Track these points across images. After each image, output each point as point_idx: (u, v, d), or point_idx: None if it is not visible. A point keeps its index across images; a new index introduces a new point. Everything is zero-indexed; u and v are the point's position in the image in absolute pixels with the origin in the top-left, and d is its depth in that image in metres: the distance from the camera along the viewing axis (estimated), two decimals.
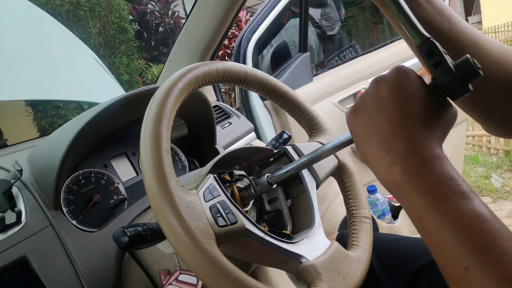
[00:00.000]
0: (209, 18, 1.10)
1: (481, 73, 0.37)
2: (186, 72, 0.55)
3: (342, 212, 1.43)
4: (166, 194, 0.45)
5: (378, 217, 1.49)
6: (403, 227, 1.49)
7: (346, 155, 0.73)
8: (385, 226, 1.46)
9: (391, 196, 1.57)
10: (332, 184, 1.56)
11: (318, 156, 0.58)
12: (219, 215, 0.49)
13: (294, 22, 2.51)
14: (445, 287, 0.64)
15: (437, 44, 0.40)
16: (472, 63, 0.37)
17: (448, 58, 0.40)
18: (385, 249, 0.76)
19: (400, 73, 0.41)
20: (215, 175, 0.56)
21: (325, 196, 1.47)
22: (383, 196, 1.48)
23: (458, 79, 0.38)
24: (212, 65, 0.60)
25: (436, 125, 0.40)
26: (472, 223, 0.34)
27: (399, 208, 1.53)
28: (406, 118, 0.39)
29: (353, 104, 0.46)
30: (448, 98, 0.41)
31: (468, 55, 0.38)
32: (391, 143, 0.40)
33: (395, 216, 1.52)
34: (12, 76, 1.46)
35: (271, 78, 0.70)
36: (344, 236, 0.82)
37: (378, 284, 0.72)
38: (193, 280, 0.64)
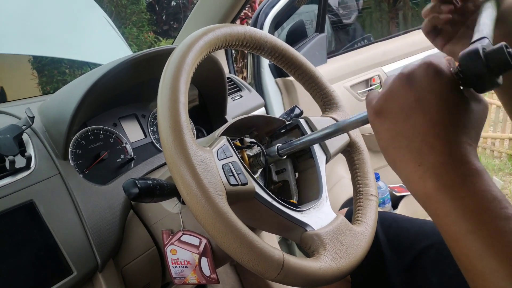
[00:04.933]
0: None
1: None
2: (208, 31, 0.55)
3: (343, 196, 1.44)
4: (181, 147, 0.45)
5: (378, 205, 1.49)
6: None
7: (358, 133, 0.73)
8: None
9: (393, 185, 1.58)
10: (334, 168, 1.56)
11: (334, 132, 0.57)
12: (231, 174, 0.49)
13: (308, 9, 2.48)
14: (447, 269, 0.65)
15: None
16: (506, 53, 0.32)
17: (485, 43, 0.36)
18: (394, 227, 0.77)
19: (430, 73, 0.36)
20: (228, 137, 0.56)
21: (327, 180, 1.48)
22: (385, 184, 1.48)
23: (486, 70, 0.33)
24: (234, 28, 0.59)
25: (470, 130, 0.36)
26: None
27: (400, 198, 1.53)
28: (440, 127, 0.35)
29: (376, 96, 0.41)
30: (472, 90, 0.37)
31: (504, 43, 0.33)
32: (423, 155, 0.36)
33: (395, 206, 1.53)
34: (18, 29, 1.42)
35: (291, 48, 0.69)
36: (348, 213, 0.82)
37: (384, 260, 0.73)
38: (195, 241, 0.64)
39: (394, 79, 0.39)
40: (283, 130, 0.72)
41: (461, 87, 0.37)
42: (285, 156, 0.65)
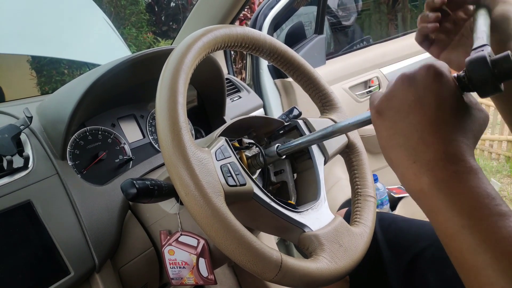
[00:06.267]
0: None
1: None
2: (207, 32, 0.55)
3: (341, 197, 1.44)
4: (180, 147, 0.45)
5: (376, 206, 1.49)
6: None
7: (356, 135, 0.73)
8: None
9: (391, 187, 1.58)
10: (333, 169, 1.56)
11: (332, 133, 0.57)
12: (229, 175, 0.49)
13: (307, 10, 2.49)
14: (445, 270, 0.65)
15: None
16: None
17: (488, 50, 0.38)
18: (392, 227, 0.77)
19: (431, 74, 0.37)
20: (226, 138, 0.56)
21: (326, 181, 1.48)
22: (383, 186, 1.49)
23: (492, 76, 0.35)
24: (233, 28, 0.59)
25: (467, 132, 0.37)
26: None
27: (398, 199, 1.53)
28: (436, 125, 0.36)
29: (378, 97, 0.43)
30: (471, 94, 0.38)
31: (509, 52, 0.35)
32: (418, 152, 0.37)
33: (393, 207, 1.53)
34: (17, 29, 1.42)
35: (289, 50, 0.70)
36: (347, 214, 0.82)
37: (382, 260, 0.73)
38: (193, 242, 0.64)
39: (396, 80, 0.40)
40: (282, 131, 0.72)
41: (463, 92, 0.38)
42: (284, 156, 0.65)
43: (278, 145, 0.64)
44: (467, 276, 0.35)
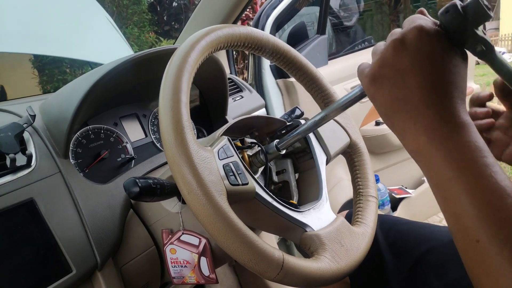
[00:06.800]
0: None
1: (491, 14, 0.35)
2: (210, 32, 0.55)
3: (342, 198, 1.44)
4: (183, 146, 0.45)
5: (378, 207, 1.49)
6: None
7: (358, 135, 0.73)
8: None
9: (393, 187, 1.58)
10: (334, 170, 1.56)
11: (322, 119, 0.57)
12: (231, 174, 0.49)
13: (309, 11, 2.49)
14: (448, 273, 0.65)
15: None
16: (482, 4, 0.35)
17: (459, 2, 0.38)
18: (394, 230, 0.77)
19: (422, 35, 0.37)
20: (229, 138, 0.56)
21: (327, 181, 1.48)
22: (384, 186, 1.49)
23: (465, 21, 0.36)
24: (236, 28, 0.59)
25: (458, 86, 0.38)
26: (491, 197, 0.33)
27: (399, 200, 1.53)
28: (435, 87, 0.37)
29: (368, 66, 0.43)
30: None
31: None
32: (419, 114, 0.38)
33: (394, 208, 1.53)
34: (19, 28, 1.42)
35: (292, 49, 0.70)
36: (348, 215, 0.82)
37: (383, 262, 0.73)
38: (195, 241, 0.65)
39: (387, 46, 0.40)
40: (284, 131, 0.72)
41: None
42: (284, 151, 0.65)
43: (277, 141, 0.64)
44: (449, 222, 0.37)
